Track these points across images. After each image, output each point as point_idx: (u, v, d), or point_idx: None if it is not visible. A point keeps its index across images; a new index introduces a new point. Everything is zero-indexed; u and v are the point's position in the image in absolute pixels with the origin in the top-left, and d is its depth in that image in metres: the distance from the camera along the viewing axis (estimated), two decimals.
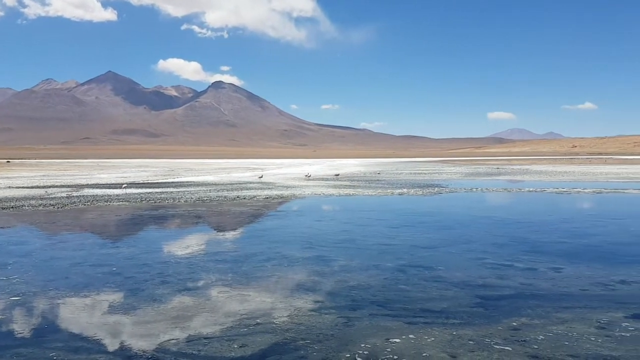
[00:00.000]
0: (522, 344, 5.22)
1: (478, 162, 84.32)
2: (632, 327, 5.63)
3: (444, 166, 65.10)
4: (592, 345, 5.13)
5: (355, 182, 31.83)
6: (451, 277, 7.98)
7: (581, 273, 8.15)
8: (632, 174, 38.39)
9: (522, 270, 8.39)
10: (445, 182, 30.96)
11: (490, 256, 9.55)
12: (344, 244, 10.93)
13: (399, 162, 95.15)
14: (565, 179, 33.97)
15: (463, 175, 40.02)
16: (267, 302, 6.78)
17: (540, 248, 10.33)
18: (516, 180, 33.13)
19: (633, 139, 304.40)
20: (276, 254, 9.90)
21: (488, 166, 63.25)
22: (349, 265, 8.92)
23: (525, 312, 6.26)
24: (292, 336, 5.55)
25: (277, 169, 53.07)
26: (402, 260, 9.28)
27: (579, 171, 45.22)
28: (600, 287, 7.34)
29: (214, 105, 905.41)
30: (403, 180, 32.95)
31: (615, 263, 8.86)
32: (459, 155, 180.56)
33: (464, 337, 5.43)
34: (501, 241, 11.16)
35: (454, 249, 10.30)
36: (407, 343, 5.30)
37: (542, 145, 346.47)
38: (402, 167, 64.07)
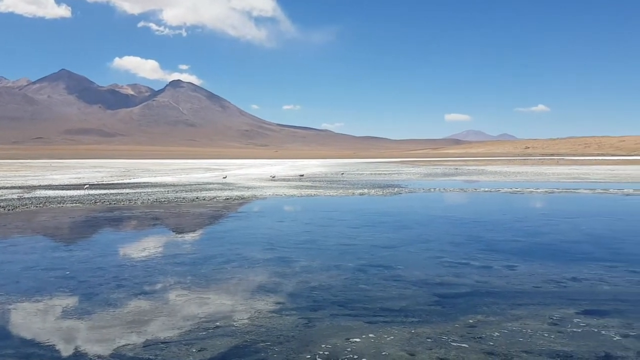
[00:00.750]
0: (478, 341, 5.35)
1: (436, 163, 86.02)
2: (583, 322, 5.85)
3: (403, 167, 66.11)
4: (545, 341, 5.30)
5: (317, 182, 31.90)
6: (410, 276, 8.10)
7: (534, 271, 8.42)
8: (583, 174, 40.02)
9: (478, 269, 8.60)
10: (405, 183, 31.44)
11: (448, 255, 9.76)
12: (306, 245, 10.93)
13: (360, 162, 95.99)
14: (519, 179, 35.07)
15: (422, 176, 40.74)
16: (227, 305, 6.70)
17: (495, 246, 10.63)
18: (472, 181, 33.97)
19: (583, 140, 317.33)
20: (236, 255, 9.81)
21: (445, 167, 64.63)
22: (310, 265, 8.92)
23: (481, 309, 6.42)
24: (253, 338, 5.50)
25: (238, 170, 52.61)
26: (362, 260, 9.36)
27: (532, 172, 46.78)
28: (553, 284, 7.60)
29: (172, 105, 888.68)
30: (364, 181, 33.25)
31: (567, 261, 9.20)
32: (417, 156, 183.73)
33: (422, 335, 5.52)
34: (458, 240, 11.42)
35: (413, 248, 10.46)
36: (367, 342, 5.34)
37: (497, 147, 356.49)
38: (363, 167, 64.64)
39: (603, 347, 5.12)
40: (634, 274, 8.12)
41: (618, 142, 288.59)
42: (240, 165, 69.80)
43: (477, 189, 25.96)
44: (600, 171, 46.46)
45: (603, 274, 8.13)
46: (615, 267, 8.59)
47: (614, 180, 31.97)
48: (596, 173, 42.65)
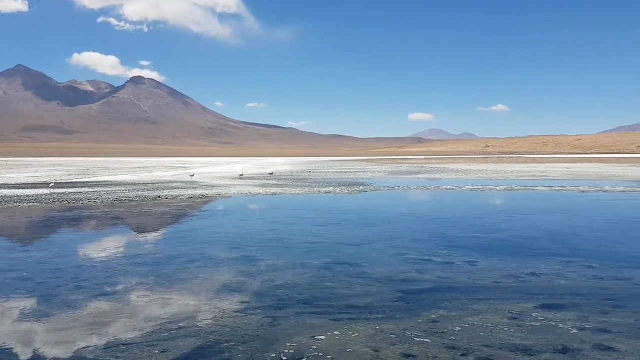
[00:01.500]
0: (441, 336, 5.45)
1: (400, 161, 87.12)
2: (541, 317, 6.04)
3: (368, 165, 66.64)
4: (505, 335, 5.45)
5: (282, 181, 31.81)
6: (375, 273, 8.18)
7: (494, 266, 8.64)
8: (540, 172, 41.26)
9: (440, 265, 8.76)
10: (370, 181, 31.70)
11: (411, 252, 9.90)
12: (271, 243, 10.88)
13: (326, 161, 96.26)
14: (479, 177, 35.88)
15: (386, 174, 41.18)
16: (190, 305, 6.61)
17: (457, 243, 10.85)
18: (435, 179, 34.56)
19: (541, 139, 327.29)
20: (200, 255, 9.68)
21: (409, 165, 65.53)
22: (276, 264, 8.90)
23: (444, 304, 6.54)
24: (217, 339, 5.44)
25: (202, 168, 51.92)
26: (328, 258, 9.39)
27: (492, 170, 47.94)
28: (512, 279, 7.81)
29: (133, 102, 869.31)
30: (330, 179, 33.36)
31: (525, 256, 9.47)
32: (382, 155, 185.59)
33: (386, 332, 5.58)
34: (421, 237, 11.60)
35: (378, 246, 10.57)
36: (332, 340, 5.37)
37: (459, 145, 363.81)
38: (328, 166, 64.84)
39: (561, 340, 5.29)
40: (590, 268, 8.42)
41: (575, 141, 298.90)
42: (205, 164, 68.90)
43: (440, 187, 26.42)
44: (558, 169, 48.02)
45: (560, 269, 8.41)
46: (571, 262, 8.89)
47: (571, 178, 33.11)
48: (553, 171, 44.05)
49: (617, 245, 10.52)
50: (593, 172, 41.90)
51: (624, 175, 36.24)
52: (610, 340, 5.24)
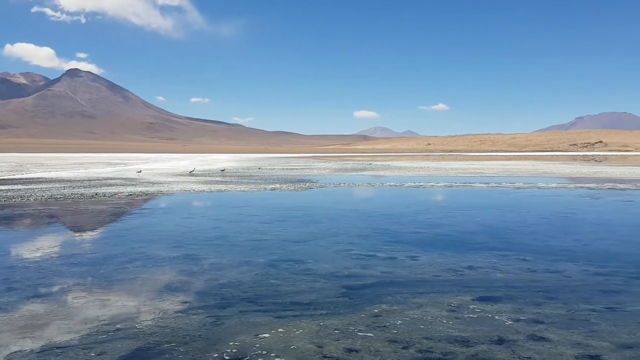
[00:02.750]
0: (383, 330, 5.54)
1: (346, 158, 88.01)
2: (478, 309, 6.26)
3: (314, 162, 66.90)
4: (444, 327, 5.61)
5: (227, 177, 31.38)
6: (320, 269, 8.22)
7: (434, 260, 8.88)
8: (478, 169, 42.85)
9: (383, 260, 8.92)
10: (316, 178, 31.83)
11: (356, 247, 10.02)
12: (215, 241, 10.70)
13: (272, 157, 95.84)
14: (421, 173, 36.83)
15: (332, 171, 41.48)
16: (129, 306, 6.39)
17: (400, 238, 11.08)
18: (379, 176, 35.15)
19: (479, 137, 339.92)
20: (140, 254, 9.38)
21: (355, 162, 66.34)
22: (220, 262, 8.76)
23: (386, 299, 6.66)
24: (156, 340, 5.29)
25: (143, 164, 50.37)
26: (273, 255, 9.35)
27: (433, 167, 49.34)
28: (451, 272, 8.05)
29: (69, 95, 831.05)
30: (276, 176, 33.23)
31: (463, 250, 9.80)
32: (328, 152, 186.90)
33: (330, 327, 5.62)
34: (365, 233, 11.76)
35: (323, 242, 10.62)
36: (276, 337, 5.34)
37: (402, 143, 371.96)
38: (274, 162, 64.59)
39: (497, 331, 5.50)
40: (524, 261, 8.81)
41: (510, 139, 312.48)
42: (146, 160, 66.89)
43: (384, 184, 26.89)
44: (494, 166, 50.02)
45: (496, 262, 8.75)
46: (507, 255, 9.27)
47: (507, 175, 34.56)
48: (490, 168, 45.85)
49: (549, 239, 11.07)
50: (527, 169, 43.93)
51: (556, 172, 38.23)
52: (543, 331, 5.50)
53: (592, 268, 8.29)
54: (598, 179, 30.51)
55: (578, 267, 8.35)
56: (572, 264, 8.57)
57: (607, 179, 29.68)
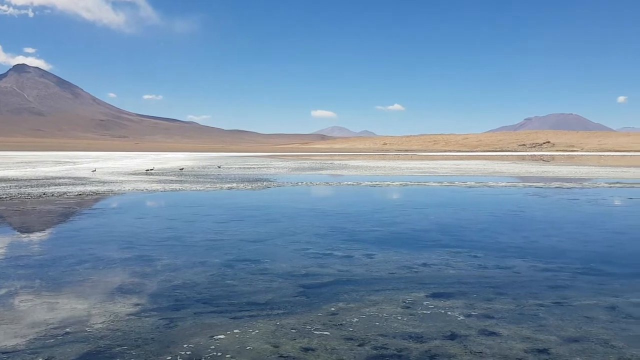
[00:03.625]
0: (339, 328, 5.57)
1: (304, 157, 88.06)
2: (431, 305, 6.38)
3: (272, 161, 66.62)
4: (398, 324, 5.69)
5: (182, 176, 30.80)
6: (277, 269, 8.18)
7: (390, 258, 9.00)
8: (432, 169, 43.77)
9: (340, 258, 8.97)
10: (274, 177, 31.69)
11: (313, 246, 10.03)
12: (169, 242, 10.48)
13: (229, 156, 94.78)
14: (378, 173, 37.29)
15: (290, 170, 41.41)
16: (79, 309, 6.17)
17: (356, 236, 11.17)
18: (337, 175, 35.36)
19: (433, 137, 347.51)
20: (90, 256, 9.08)
21: (313, 161, 66.47)
22: (174, 263, 8.58)
23: (343, 297, 6.70)
24: (107, 343, 5.13)
25: (94, 163, 48.77)
26: (229, 255, 9.23)
27: (390, 166, 50.05)
28: (406, 270, 8.18)
29: (15, 91, 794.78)
30: (232, 175, 32.87)
31: (418, 248, 9.98)
32: (286, 151, 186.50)
33: (286, 327, 5.60)
34: (323, 232, 11.80)
35: (280, 241, 10.58)
36: (232, 338, 5.28)
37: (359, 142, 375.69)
38: (231, 161, 63.91)
39: (449, 327, 5.63)
40: (475, 258, 9.05)
41: (462, 140, 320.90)
42: (96, 158, 64.80)
43: (341, 183, 27.07)
44: (447, 166, 51.23)
45: (449, 259, 8.96)
46: (459, 252, 9.51)
47: (459, 174, 35.45)
48: (443, 167, 46.94)
49: (499, 236, 11.42)
50: (478, 168, 45.21)
51: (506, 171, 39.51)
52: (493, 326, 5.66)
53: (540, 264, 8.61)
54: (545, 178, 31.74)
55: (527, 263, 8.65)
56: (521, 260, 8.87)
57: (554, 178, 30.92)
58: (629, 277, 7.72)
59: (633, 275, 7.83)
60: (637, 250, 9.90)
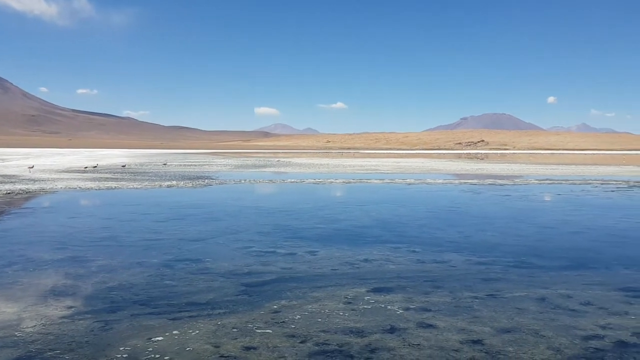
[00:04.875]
0: (281, 325, 5.57)
1: (247, 155, 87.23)
2: (372, 300, 6.50)
3: (214, 158, 65.56)
4: (340, 320, 5.76)
5: (118, 174, 29.73)
6: (218, 268, 8.06)
7: (332, 255, 9.09)
8: (374, 166, 44.55)
9: (283, 256, 8.96)
10: (216, 174, 31.21)
11: (256, 244, 9.97)
12: (104, 242, 10.09)
13: (169, 153, 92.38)
14: (321, 170, 37.52)
15: (233, 168, 40.91)
16: (8, 313, 5.83)
17: (300, 234, 11.20)
18: (281, 172, 35.28)
19: (375, 135, 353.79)
20: (19, 257, 8.60)
21: (256, 159, 65.99)
22: (110, 264, 8.28)
23: (285, 294, 6.70)
24: (39, 348, 4.88)
25: (24, 160, 46.15)
26: (168, 255, 9.01)
27: (333, 164, 50.49)
28: (348, 266, 8.29)
29: None
30: (172, 172, 32.08)
31: (359, 244, 10.13)
32: (229, 148, 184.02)
33: (227, 326, 5.54)
34: (266, 229, 11.74)
35: (222, 240, 10.44)
36: (171, 339, 5.16)
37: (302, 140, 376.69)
38: (171, 158, 62.36)
39: (389, 320, 5.76)
40: (414, 253, 9.30)
41: (403, 138, 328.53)
42: (26, 155, 61.38)
43: (285, 180, 27.03)
44: (388, 163, 52.31)
45: (389, 254, 9.16)
46: (399, 248, 9.74)
47: (399, 172, 36.28)
48: (385, 165, 47.88)
49: (436, 231, 11.79)
50: (418, 166, 46.46)
51: (443, 169, 40.83)
52: (431, 318, 5.84)
53: (474, 258, 8.96)
54: (480, 175, 33.07)
55: (462, 257, 8.98)
56: (456, 255, 9.20)
57: (487, 175, 32.27)
58: (557, 270, 8.18)
59: (561, 268, 8.30)
60: (564, 244, 10.50)
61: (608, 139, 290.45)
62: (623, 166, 48.08)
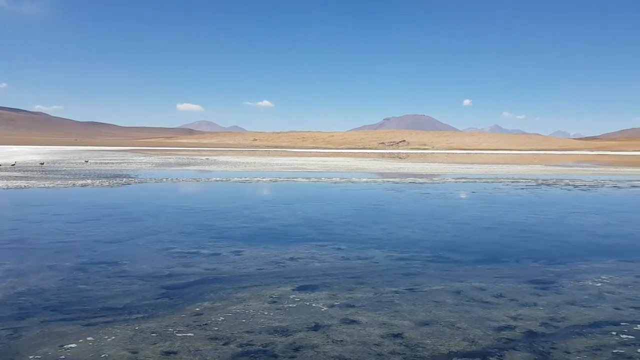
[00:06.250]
0: (204, 328, 5.44)
1: (169, 152, 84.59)
2: (297, 298, 6.51)
3: (133, 156, 63.01)
4: (265, 319, 5.72)
5: (28, 172, 27.78)
6: (137, 271, 7.74)
7: (258, 254, 9.02)
8: (301, 165, 44.73)
9: (207, 256, 8.77)
10: (135, 173, 29.99)
11: (178, 245, 9.68)
12: (11, 245, 9.39)
13: (85, 150, 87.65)
14: (248, 169, 37.15)
15: (154, 166, 39.50)
16: None
17: (224, 233, 11.01)
18: (205, 171, 34.52)
19: (302, 134, 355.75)
20: None
21: (179, 156, 64.16)
22: (18, 268, 7.71)
23: (209, 296, 6.56)
24: None
25: None
26: (83, 257, 8.54)
27: (259, 162, 50.15)
28: (274, 265, 8.26)
29: None
30: (88, 171, 30.45)
31: (286, 242, 10.13)
32: (150, 145, 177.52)
33: (146, 331, 5.32)
34: (189, 230, 11.43)
35: (142, 241, 10.04)
36: (85, 346, 4.89)
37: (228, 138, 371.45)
38: (87, 155, 59.25)
39: (313, 318, 5.79)
40: (339, 250, 9.43)
41: (329, 137, 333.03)
42: None
43: (210, 179, 26.48)
44: (315, 162, 52.73)
45: (315, 252, 9.22)
46: (324, 245, 9.84)
47: (325, 170, 36.68)
48: (311, 164, 48.23)
49: (360, 228, 12.03)
50: (343, 165, 47.22)
51: (368, 168, 41.77)
52: (354, 314, 5.95)
53: (395, 254, 9.24)
54: (402, 174, 34.17)
55: (384, 254, 9.23)
56: (379, 251, 9.43)
57: (409, 174, 33.40)
58: (471, 264, 8.60)
59: (475, 262, 8.74)
60: (478, 239, 11.07)
61: (518, 140, 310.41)
62: (532, 165, 51.57)
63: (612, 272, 8.05)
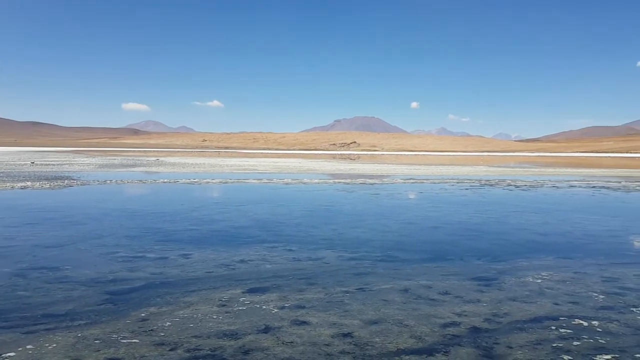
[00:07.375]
0: (150, 334, 5.30)
1: (114, 153, 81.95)
2: (247, 300, 6.46)
3: (76, 157, 60.67)
4: (214, 323, 5.64)
5: None
6: (79, 276, 7.46)
7: (207, 257, 8.88)
8: (252, 166, 44.39)
9: (153, 260, 8.55)
10: (77, 174, 28.87)
11: (123, 249, 9.39)
12: None
13: (23, 151, 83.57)
14: (197, 170, 36.49)
15: (97, 167, 38.16)
16: None
17: (172, 236, 10.77)
18: (152, 172, 33.65)
19: (252, 135, 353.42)
20: None
21: (124, 157, 62.25)
22: None
23: (155, 301, 6.40)
24: None
25: None
26: (22, 263, 8.14)
27: (209, 163, 49.38)
28: (223, 267, 8.15)
29: None
30: (26, 173, 29.05)
31: (236, 245, 10.02)
32: (93, 146, 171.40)
33: (89, 338, 5.13)
34: (134, 233, 11.12)
35: (84, 246, 9.67)
36: (24, 355, 4.66)
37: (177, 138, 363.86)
38: (26, 157, 56.53)
39: (264, 320, 5.76)
40: (290, 251, 9.42)
41: (280, 138, 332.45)
42: None
43: (157, 180, 25.83)
44: (266, 163, 52.48)
45: (266, 254, 9.17)
46: (275, 247, 9.80)
47: (277, 171, 36.57)
48: (263, 165, 47.96)
49: (312, 229, 12.07)
50: (295, 166, 47.22)
51: (319, 169, 41.96)
52: (304, 315, 5.96)
53: (346, 254, 9.32)
54: (352, 174, 34.54)
55: (335, 254, 9.30)
56: (330, 251, 9.50)
57: (359, 175, 33.80)
58: (419, 262, 8.80)
59: (422, 260, 8.95)
60: (425, 238, 11.34)
61: (463, 142, 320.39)
62: (476, 166, 53.33)
63: (551, 268, 8.44)
